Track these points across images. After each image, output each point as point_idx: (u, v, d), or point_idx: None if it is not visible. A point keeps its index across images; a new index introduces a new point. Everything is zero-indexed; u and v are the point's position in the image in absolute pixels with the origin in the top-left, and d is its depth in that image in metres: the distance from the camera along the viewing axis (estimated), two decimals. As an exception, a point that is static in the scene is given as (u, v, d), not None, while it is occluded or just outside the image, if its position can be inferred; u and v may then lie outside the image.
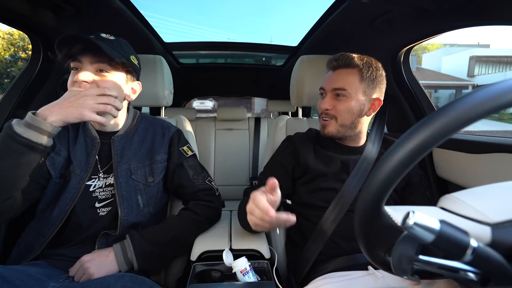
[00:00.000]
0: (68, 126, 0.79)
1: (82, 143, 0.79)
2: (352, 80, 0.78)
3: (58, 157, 0.77)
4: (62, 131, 0.78)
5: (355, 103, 0.79)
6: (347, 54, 0.79)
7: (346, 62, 0.79)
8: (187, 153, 0.90)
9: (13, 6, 0.84)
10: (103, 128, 0.82)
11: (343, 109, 0.79)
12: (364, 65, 0.78)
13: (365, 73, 0.78)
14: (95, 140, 0.79)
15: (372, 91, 0.80)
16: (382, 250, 0.36)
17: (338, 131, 0.82)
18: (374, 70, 0.79)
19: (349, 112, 0.79)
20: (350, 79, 0.78)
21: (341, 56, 0.80)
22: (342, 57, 0.79)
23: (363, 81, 0.78)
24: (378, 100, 0.81)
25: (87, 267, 0.67)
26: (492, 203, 0.33)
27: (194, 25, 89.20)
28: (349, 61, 0.78)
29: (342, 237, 0.76)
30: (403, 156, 0.29)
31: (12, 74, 10.57)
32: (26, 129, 0.62)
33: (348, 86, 0.78)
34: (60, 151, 0.77)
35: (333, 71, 0.82)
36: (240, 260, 0.72)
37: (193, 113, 2.05)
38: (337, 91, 0.79)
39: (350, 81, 0.78)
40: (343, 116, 0.80)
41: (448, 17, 0.86)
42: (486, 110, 0.26)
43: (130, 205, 0.78)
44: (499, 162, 0.81)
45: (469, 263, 0.29)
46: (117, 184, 0.77)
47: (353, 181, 0.79)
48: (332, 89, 0.80)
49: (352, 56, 0.79)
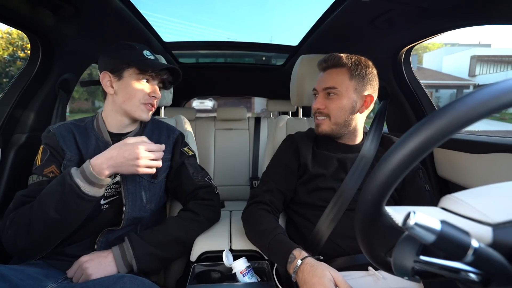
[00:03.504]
0: (73, 130, 0.82)
1: (94, 147, 0.81)
2: (342, 78, 0.81)
3: (71, 163, 0.77)
4: (68, 136, 0.80)
5: (347, 101, 0.81)
6: (335, 54, 0.83)
7: (334, 62, 0.82)
8: (188, 153, 0.94)
9: (12, 5, 0.84)
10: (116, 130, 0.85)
11: (335, 107, 0.81)
12: (353, 64, 0.81)
13: (354, 71, 0.80)
14: (108, 144, 0.81)
15: (362, 88, 0.81)
16: (382, 251, 0.36)
17: (332, 130, 0.84)
18: (363, 68, 0.81)
19: (341, 110, 0.81)
20: (339, 78, 0.81)
21: (329, 56, 0.83)
22: (331, 58, 0.83)
23: (353, 79, 0.80)
24: (370, 96, 0.83)
25: (85, 267, 0.68)
26: (493, 203, 0.33)
27: (193, 24, 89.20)
28: (337, 60, 0.81)
29: (342, 237, 0.76)
30: (403, 156, 0.28)
31: (10, 73, 10.58)
32: (89, 186, 0.67)
33: (338, 85, 0.80)
34: (71, 157, 0.78)
35: (323, 72, 0.86)
36: (240, 261, 0.72)
37: (192, 113, 2.05)
38: (328, 90, 0.82)
39: (339, 79, 0.81)
40: (335, 114, 0.82)
41: (449, 16, 0.86)
42: (487, 110, 0.26)
43: (134, 200, 0.79)
44: (500, 162, 0.80)
45: (470, 264, 0.28)
46: (123, 178, 0.79)
47: (351, 180, 0.79)
48: (323, 88, 0.83)
49: (340, 55, 0.82)
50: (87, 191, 0.66)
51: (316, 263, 0.61)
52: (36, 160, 0.78)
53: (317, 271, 0.59)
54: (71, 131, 0.81)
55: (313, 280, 0.58)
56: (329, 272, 0.59)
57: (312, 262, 0.62)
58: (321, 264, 0.61)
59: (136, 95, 0.81)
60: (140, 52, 0.82)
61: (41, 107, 1.10)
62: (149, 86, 0.83)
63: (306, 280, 0.59)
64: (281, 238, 0.71)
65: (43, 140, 0.80)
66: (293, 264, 0.63)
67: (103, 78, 0.81)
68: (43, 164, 0.76)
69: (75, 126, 0.83)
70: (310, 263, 0.61)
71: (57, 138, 0.78)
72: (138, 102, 0.81)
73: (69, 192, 0.65)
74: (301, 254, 0.64)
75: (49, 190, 0.68)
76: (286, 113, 2.31)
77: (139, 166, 0.71)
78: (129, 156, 0.70)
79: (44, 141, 0.80)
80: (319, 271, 0.59)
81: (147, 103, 0.82)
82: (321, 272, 0.59)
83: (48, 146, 0.78)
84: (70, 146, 0.79)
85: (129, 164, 0.70)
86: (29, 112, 1.06)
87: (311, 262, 0.62)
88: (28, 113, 1.06)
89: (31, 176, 0.77)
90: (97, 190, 0.68)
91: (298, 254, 0.64)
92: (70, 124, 0.83)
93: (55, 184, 0.68)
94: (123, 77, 0.80)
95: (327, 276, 0.58)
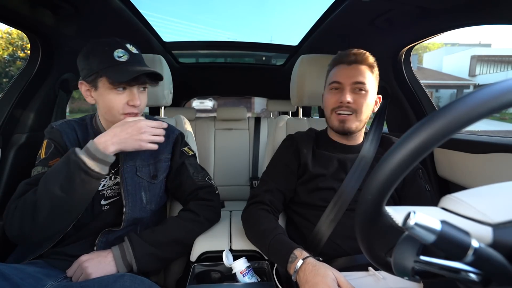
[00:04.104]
0: (75, 127, 0.81)
1: None
2: (368, 76, 0.81)
3: None
4: (71, 133, 0.80)
5: (371, 99, 0.82)
6: (363, 51, 0.83)
7: (363, 58, 0.81)
8: (188, 153, 0.93)
9: (12, 5, 0.84)
10: None
11: (363, 103, 0.80)
12: (374, 63, 0.83)
13: (374, 71, 0.83)
14: None
15: (376, 88, 0.84)
16: (383, 251, 0.36)
17: (356, 127, 0.82)
18: (377, 69, 0.84)
19: (367, 107, 0.81)
20: (367, 74, 0.81)
21: (357, 52, 0.82)
22: (360, 53, 0.82)
23: (374, 78, 0.83)
24: (378, 96, 0.87)
25: (85, 266, 0.67)
26: (493, 203, 0.33)
27: (193, 24, 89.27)
28: (367, 58, 0.82)
29: (342, 237, 0.76)
30: (403, 156, 0.28)
31: (10, 73, 10.57)
32: (94, 162, 0.66)
33: (366, 81, 0.80)
34: None
35: (348, 65, 0.82)
36: (240, 261, 0.71)
37: (192, 113, 2.05)
38: (357, 85, 0.80)
39: (367, 76, 0.81)
40: (362, 110, 0.81)
41: (449, 16, 0.86)
42: (488, 110, 0.26)
43: (134, 200, 0.79)
44: (501, 162, 0.80)
45: (470, 264, 0.28)
46: (122, 179, 0.79)
47: (351, 180, 0.79)
48: (352, 82, 0.80)
49: (368, 53, 0.83)
50: (92, 166, 0.65)
51: (318, 263, 0.61)
52: (39, 154, 0.77)
53: (319, 270, 0.59)
54: (73, 128, 0.81)
55: (316, 279, 0.58)
56: (331, 272, 0.59)
57: (314, 262, 0.61)
58: (323, 264, 0.61)
59: (114, 107, 0.75)
60: (110, 55, 0.72)
61: (41, 107, 1.10)
62: (127, 94, 0.75)
63: (308, 279, 0.59)
64: (282, 238, 0.71)
65: (47, 135, 0.80)
66: (294, 264, 0.63)
67: (80, 87, 0.77)
68: (47, 157, 0.76)
69: (76, 123, 0.83)
70: (312, 262, 0.61)
71: (61, 134, 0.78)
72: (118, 114, 0.76)
73: (74, 168, 0.64)
74: (302, 254, 0.64)
75: (54, 169, 0.67)
76: (286, 113, 2.31)
77: (143, 140, 0.71)
78: (132, 132, 0.70)
79: (48, 135, 0.79)
80: (322, 271, 0.59)
81: (128, 113, 0.76)
82: (324, 271, 0.59)
83: (52, 141, 0.78)
84: (73, 143, 0.79)
85: (133, 139, 0.70)
86: (29, 112, 1.06)
87: (313, 262, 0.62)
88: (28, 113, 1.06)
89: (35, 168, 0.75)
90: (103, 167, 0.67)
91: (299, 254, 0.64)
92: (73, 121, 0.84)
93: (60, 163, 0.67)
94: (98, 87, 0.74)
95: (330, 275, 0.58)
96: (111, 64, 0.71)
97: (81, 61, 0.75)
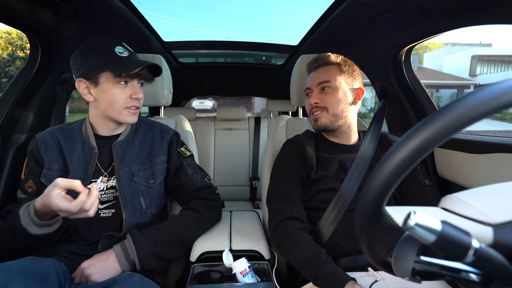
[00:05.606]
0: (58, 136, 0.81)
1: (80, 152, 0.80)
2: (333, 73, 0.85)
3: (51, 172, 0.77)
4: (50, 143, 0.79)
5: (341, 93, 0.84)
6: (324, 54, 0.89)
7: (324, 61, 0.87)
8: (185, 153, 0.92)
9: (11, 5, 0.84)
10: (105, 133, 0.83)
11: (331, 100, 0.84)
12: (341, 61, 0.87)
13: (343, 67, 0.86)
14: (93, 149, 0.79)
15: (353, 82, 0.87)
16: (383, 251, 0.36)
17: (331, 121, 0.85)
18: (350, 65, 0.88)
19: (337, 102, 0.84)
20: (331, 73, 0.86)
21: (318, 57, 0.89)
22: (320, 57, 0.89)
23: (343, 73, 0.86)
24: (360, 89, 0.88)
25: (88, 273, 0.67)
26: (494, 203, 0.33)
27: (193, 24, 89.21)
28: (327, 59, 0.87)
29: (342, 237, 0.76)
30: (404, 156, 0.28)
31: (10, 73, 10.57)
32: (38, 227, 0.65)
33: (331, 78, 0.85)
34: (50, 165, 0.78)
35: (314, 71, 0.90)
36: (240, 261, 0.71)
37: (192, 112, 2.04)
38: (322, 84, 0.85)
39: (331, 74, 0.85)
40: (332, 105, 0.84)
41: (449, 16, 0.86)
42: (488, 109, 0.26)
43: (133, 207, 0.78)
44: (501, 162, 0.80)
45: (471, 264, 0.28)
46: (119, 186, 0.78)
47: (351, 180, 0.79)
48: (317, 83, 0.86)
49: (328, 54, 0.88)
50: (35, 231, 0.64)
51: None
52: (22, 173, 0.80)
53: None
54: (55, 136, 0.81)
55: None
56: None
57: None
58: None
59: (117, 101, 0.75)
60: (111, 50, 0.74)
61: (40, 107, 1.10)
62: (129, 87, 0.77)
63: None
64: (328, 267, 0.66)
65: (28, 148, 0.81)
66: None
67: (79, 85, 0.76)
68: (24, 179, 0.79)
69: (61, 130, 0.82)
70: None
71: (38, 146, 0.79)
72: (121, 108, 0.77)
73: (21, 238, 0.65)
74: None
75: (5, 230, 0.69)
76: (286, 113, 2.30)
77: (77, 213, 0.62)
78: None
79: (28, 150, 0.80)
80: None
81: (130, 107, 0.78)
82: None
83: (30, 155, 0.80)
84: (51, 153, 0.79)
85: None
86: (28, 112, 1.06)
87: None
88: (28, 113, 1.06)
89: (18, 190, 0.79)
90: (46, 229, 0.66)
91: None
92: (57, 129, 0.83)
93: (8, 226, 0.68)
94: (99, 83, 0.74)
95: None
96: (114, 59, 0.74)
97: (77, 60, 0.75)
